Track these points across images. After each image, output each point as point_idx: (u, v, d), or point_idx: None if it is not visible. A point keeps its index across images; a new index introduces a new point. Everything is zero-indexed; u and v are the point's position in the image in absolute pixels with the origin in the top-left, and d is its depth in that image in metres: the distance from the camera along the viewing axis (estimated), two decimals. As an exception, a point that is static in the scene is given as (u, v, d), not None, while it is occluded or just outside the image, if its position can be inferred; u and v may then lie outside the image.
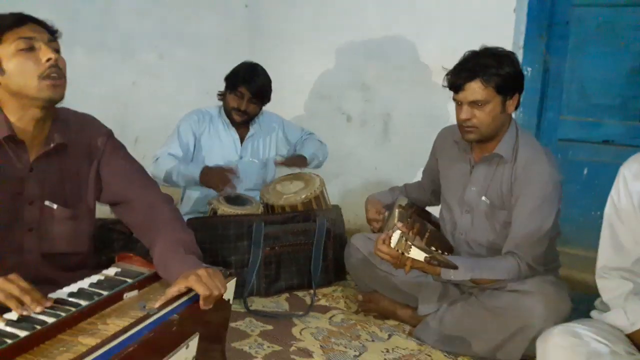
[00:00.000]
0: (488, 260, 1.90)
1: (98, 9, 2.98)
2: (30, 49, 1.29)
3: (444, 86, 1.88)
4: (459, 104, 1.86)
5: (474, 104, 1.82)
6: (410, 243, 1.68)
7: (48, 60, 1.29)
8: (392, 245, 1.71)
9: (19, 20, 1.30)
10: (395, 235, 1.71)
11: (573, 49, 2.65)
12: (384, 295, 2.19)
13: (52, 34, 1.35)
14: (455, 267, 1.72)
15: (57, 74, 1.31)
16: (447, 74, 1.87)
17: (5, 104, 1.32)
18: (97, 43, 2.98)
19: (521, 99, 1.92)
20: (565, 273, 2.20)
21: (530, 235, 1.83)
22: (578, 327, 1.42)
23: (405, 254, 1.69)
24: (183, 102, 3.16)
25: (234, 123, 2.67)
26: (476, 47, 1.88)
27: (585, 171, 2.65)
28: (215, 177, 2.42)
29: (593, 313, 1.53)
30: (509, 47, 2.62)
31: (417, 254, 1.68)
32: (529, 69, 2.73)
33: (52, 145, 1.38)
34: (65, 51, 1.40)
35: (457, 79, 1.83)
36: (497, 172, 1.92)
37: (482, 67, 1.79)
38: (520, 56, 2.71)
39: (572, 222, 2.56)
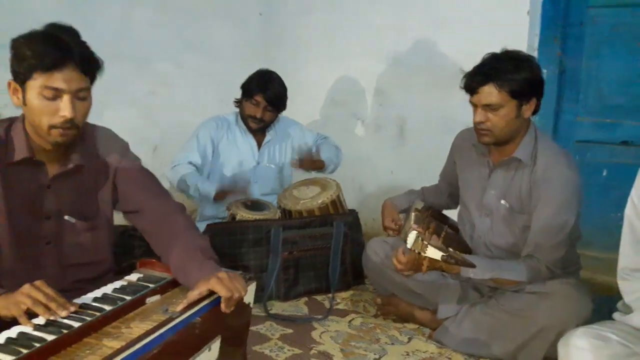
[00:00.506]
0: (507, 261, 1.90)
1: (114, 19, 3.02)
2: (54, 98, 1.28)
3: (460, 88, 1.89)
4: (474, 107, 1.87)
5: (487, 107, 1.82)
6: (426, 242, 1.68)
7: (63, 116, 1.29)
8: (409, 245, 1.71)
9: (58, 62, 1.25)
10: (412, 236, 1.71)
11: (589, 50, 2.63)
12: (402, 299, 2.19)
13: (87, 72, 1.32)
14: (472, 266, 1.72)
15: (68, 127, 1.31)
16: (464, 76, 1.88)
17: (27, 125, 1.37)
18: (114, 53, 2.98)
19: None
20: (586, 275, 2.18)
21: (550, 239, 1.82)
22: (600, 329, 1.41)
23: (422, 254, 1.69)
24: (200, 110, 3.20)
25: (250, 130, 2.70)
26: (490, 50, 1.88)
27: (605, 173, 2.62)
28: (230, 190, 2.49)
29: (615, 315, 1.51)
30: (523, 49, 2.58)
31: (433, 253, 1.68)
32: (544, 71, 2.69)
33: (70, 166, 1.41)
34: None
35: (472, 82, 1.84)
36: (516, 175, 1.92)
37: (498, 71, 1.79)
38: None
39: (592, 224, 2.53)
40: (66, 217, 1.43)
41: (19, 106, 1.34)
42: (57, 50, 1.26)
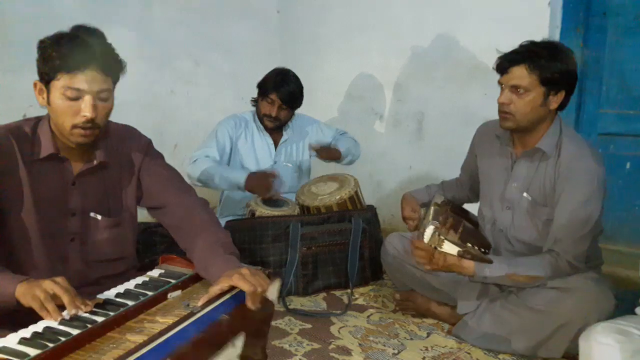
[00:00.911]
0: (525, 258, 1.88)
1: (134, 20, 3.07)
2: (76, 98, 1.31)
3: (492, 68, 1.87)
4: (501, 87, 1.85)
5: (514, 89, 1.80)
6: (443, 238, 1.68)
7: (84, 116, 1.32)
8: (426, 240, 1.72)
9: (82, 64, 1.29)
10: (429, 231, 1.72)
11: (611, 40, 2.59)
12: (421, 294, 2.19)
13: (108, 75, 1.34)
14: (489, 262, 1.71)
15: (90, 127, 1.34)
16: (498, 57, 1.86)
17: (53, 123, 1.40)
18: (134, 53, 3.06)
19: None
20: (609, 270, 2.15)
21: (573, 233, 1.80)
22: (622, 323, 1.39)
23: (439, 249, 1.69)
24: (219, 107, 3.24)
25: (267, 128, 2.72)
26: (510, 43, 1.86)
27: (628, 165, 2.58)
28: (260, 183, 2.49)
29: (638, 309, 1.49)
30: (544, 41, 2.58)
31: (450, 248, 1.68)
32: (566, 62, 2.68)
33: (95, 162, 1.45)
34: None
35: (504, 61, 1.82)
36: (540, 168, 1.89)
37: (532, 54, 1.78)
38: (555, 50, 2.66)
39: (616, 218, 2.49)
40: (92, 214, 1.47)
41: (44, 106, 1.38)
42: (80, 51, 1.29)
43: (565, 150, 1.84)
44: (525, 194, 1.93)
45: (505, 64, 1.82)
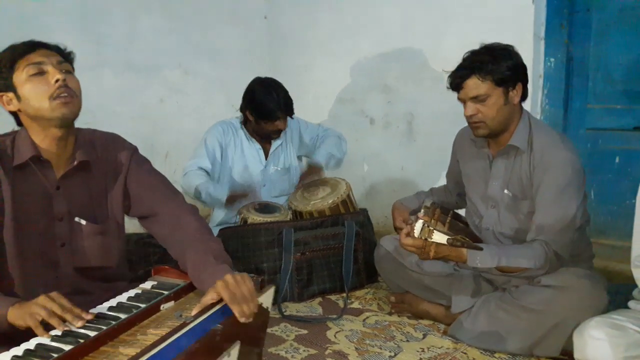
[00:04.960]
0: (514, 246, 1.90)
1: (123, 30, 3.07)
2: (40, 72, 1.34)
3: (447, 88, 1.93)
4: (463, 103, 1.90)
5: (475, 99, 1.85)
6: (432, 228, 1.73)
7: (56, 81, 1.34)
8: (416, 234, 1.75)
9: (29, 47, 1.36)
10: (418, 225, 1.76)
11: (596, 36, 2.61)
12: (416, 295, 2.19)
13: (63, 56, 1.41)
14: (479, 249, 1.75)
15: (67, 93, 1.36)
16: (448, 77, 1.92)
17: (29, 127, 1.40)
18: (123, 63, 3.07)
19: (539, 90, 1.91)
20: (602, 264, 2.16)
21: (555, 223, 1.82)
22: (616, 318, 1.40)
23: (429, 240, 1.72)
24: (209, 115, 3.23)
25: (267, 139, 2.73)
26: (497, 41, 1.89)
27: (617, 159, 2.59)
28: (239, 197, 2.53)
29: (631, 303, 1.50)
30: (529, 38, 2.60)
31: (439, 237, 1.73)
32: (552, 59, 2.70)
33: (75, 162, 1.43)
34: (94, 73, 1.46)
35: (455, 78, 1.88)
36: (516, 163, 1.93)
37: (478, 63, 1.83)
38: (541, 47, 2.69)
39: (607, 212, 2.51)
40: (76, 219, 1.45)
41: (17, 111, 1.39)
42: (23, 43, 1.38)
43: (536, 143, 1.88)
44: (506, 191, 1.96)
45: (457, 80, 1.88)
